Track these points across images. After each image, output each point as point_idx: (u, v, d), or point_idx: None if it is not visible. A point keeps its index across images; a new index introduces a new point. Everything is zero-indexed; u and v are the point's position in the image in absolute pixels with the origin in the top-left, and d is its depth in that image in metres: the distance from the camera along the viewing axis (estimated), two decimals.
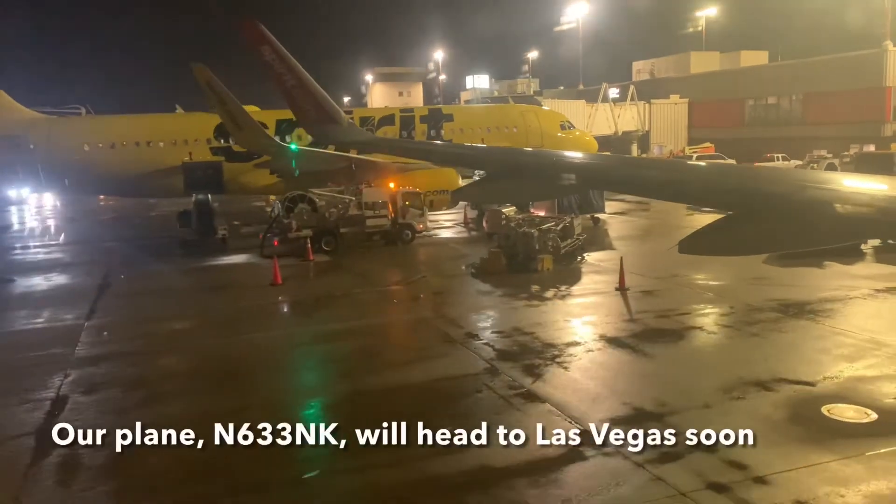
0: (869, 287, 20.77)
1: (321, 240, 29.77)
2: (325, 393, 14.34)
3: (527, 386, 13.70)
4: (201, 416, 11.68)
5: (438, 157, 23.87)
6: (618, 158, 23.66)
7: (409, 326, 18.33)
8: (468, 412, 12.72)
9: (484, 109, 52.23)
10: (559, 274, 24.22)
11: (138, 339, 18.01)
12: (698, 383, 13.61)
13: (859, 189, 5.97)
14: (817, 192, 6.02)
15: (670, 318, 18.38)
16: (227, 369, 15.61)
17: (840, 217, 5.54)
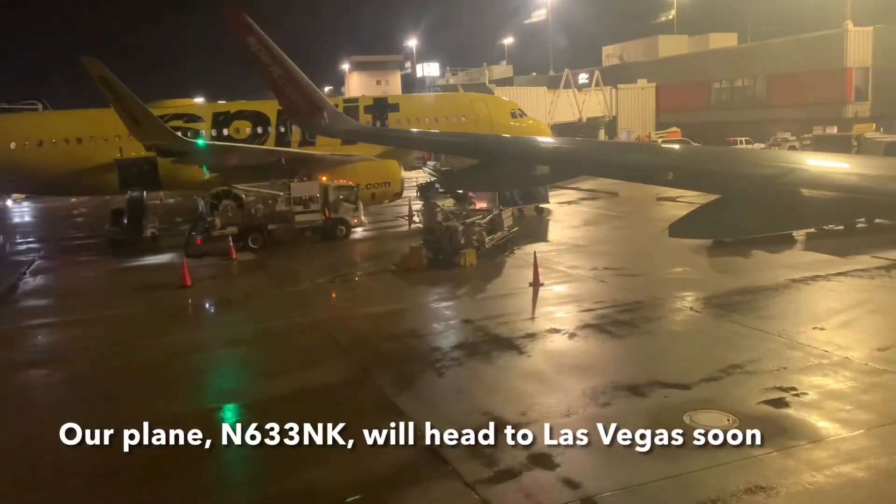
0: (786, 277, 20.17)
1: (248, 237, 28.98)
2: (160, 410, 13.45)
3: (391, 397, 13.00)
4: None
5: (427, 145, 23.49)
6: (606, 144, 23.08)
7: (301, 331, 17.57)
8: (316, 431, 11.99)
9: (432, 99, 51.29)
10: (480, 269, 23.54)
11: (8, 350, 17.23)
12: (570, 389, 12.93)
13: (846, 170, 5.92)
14: (804, 174, 5.93)
15: (572, 315, 17.73)
16: (93, 381, 14.85)
17: (828, 199, 5.51)
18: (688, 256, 24.02)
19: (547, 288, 20.50)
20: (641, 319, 17.13)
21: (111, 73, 25.68)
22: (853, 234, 25.07)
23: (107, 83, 25.72)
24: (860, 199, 5.33)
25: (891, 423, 10.89)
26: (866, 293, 18.26)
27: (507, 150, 10.71)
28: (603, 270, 22.45)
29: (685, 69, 75.95)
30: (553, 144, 11.87)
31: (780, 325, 15.95)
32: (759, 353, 14.33)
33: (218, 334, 17.77)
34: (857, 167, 6.11)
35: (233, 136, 37.65)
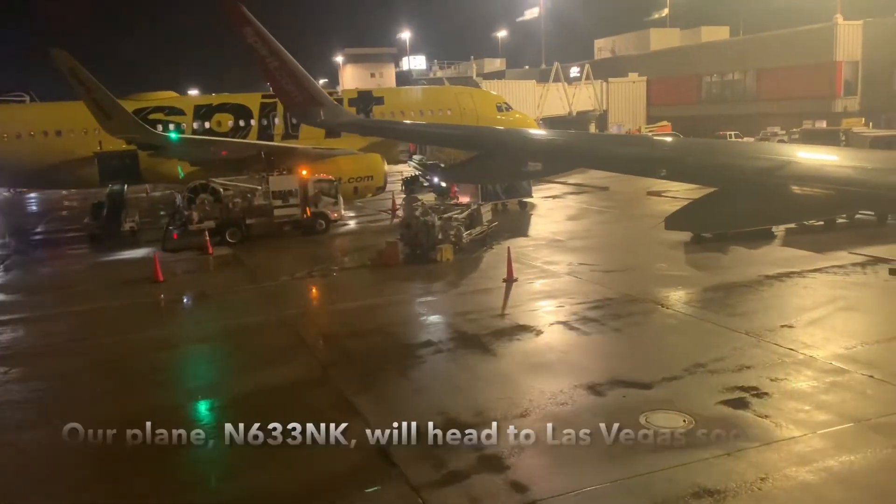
0: (761, 273, 20.01)
1: (225, 231, 28.73)
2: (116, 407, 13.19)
3: (349, 397, 12.82)
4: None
5: (425, 137, 23.39)
6: (601, 136, 23.03)
7: (267, 328, 17.39)
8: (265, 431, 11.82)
9: (417, 92, 50.95)
10: (456, 265, 23.34)
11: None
12: (530, 388, 12.77)
13: (841, 163, 5.91)
14: (800, 167, 5.89)
15: (541, 311, 17.58)
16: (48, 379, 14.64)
17: (824, 191, 5.47)
18: (665, 252, 23.88)
19: (520, 284, 20.33)
20: (610, 316, 16.96)
21: (81, 66, 25.34)
22: (833, 230, 24.99)
23: (77, 76, 25.38)
24: (856, 192, 5.28)
25: (846, 424, 10.75)
26: (839, 290, 18.10)
27: (505, 143, 10.66)
28: (578, 266, 22.27)
29: (676, 63, 75.65)
30: (549, 137, 11.79)
31: (749, 323, 15.80)
32: (725, 351, 14.18)
33: (182, 331, 17.56)
34: (852, 160, 6.08)
35: (214, 129, 37.35)
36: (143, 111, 36.71)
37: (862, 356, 13.52)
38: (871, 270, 19.93)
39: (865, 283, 18.82)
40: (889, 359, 13.38)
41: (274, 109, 38.73)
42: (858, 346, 14.07)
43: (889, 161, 5.98)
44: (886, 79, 57.81)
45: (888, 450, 9.96)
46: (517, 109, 56.60)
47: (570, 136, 15.08)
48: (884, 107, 56.38)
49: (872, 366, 12.97)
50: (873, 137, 41.43)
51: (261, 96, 39.87)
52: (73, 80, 25.65)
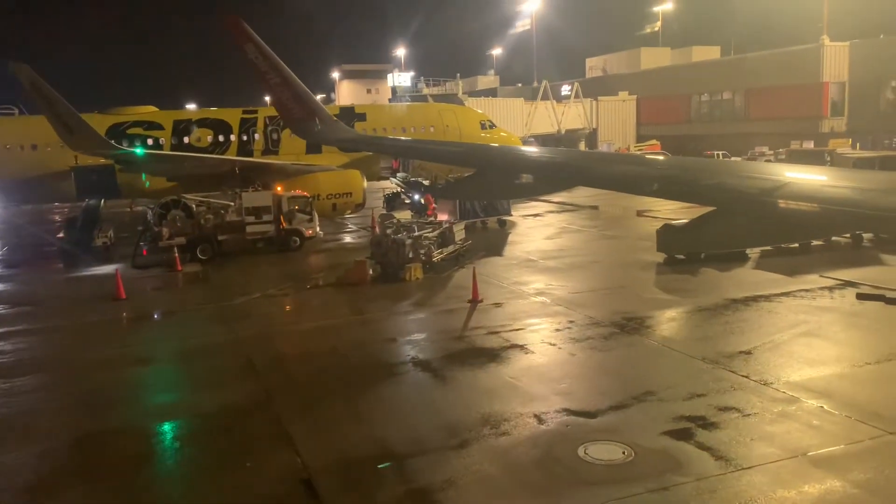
0: (728, 297, 19.71)
1: (197, 248, 28.40)
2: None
3: (285, 424, 12.46)
4: None
5: (423, 154, 23.39)
6: (598, 155, 22.97)
7: (219, 349, 17.04)
8: (192, 458, 11.48)
9: (400, 109, 50.85)
10: (424, 284, 23.05)
11: None
12: (473, 417, 12.40)
13: (839, 184, 5.87)
14: (800, 187, 5.84)
15: (500, 334, 17.22)
16: None
17: (823, 212, 5.40)
18: (635, 274, 23.64)
19: (485, 305, 20.02)
20: (569, 340, 16.64)
21: (42, 80, 25.08)
22: (808, 252, 24.71)
23: (39, 90, 25.11)
24: (856, 213, 5.23)
25: (786, 458, 10.41)
26: (803, 315, 17.80)
27: (503, 161, 10.58)
28: (546, 287, 21.97)
29: (666, 82, 75.77)
30: (548, 155, 11.65)
31: (707, 349, 15.49)
32: (678, 378, 13.87)
33: (132, 352, 17.17)
34: (850, 181, 6.02)
35: (193, 145, 37.13)
36: (122, 126, 36.55)
37: (816, 384, 13.21)
38: (838, 295, 19.65)
39: (831, 307, 18.52)
40: (842, 388, 13.06)
41: (254, 125, 38.59)
42: (813, 374, 13.76)
43: (889, 182, 5.91)
44: (873, 100, 57.92)
45: (825, 485, 9.61)
46: (505, 127, 56.80)
47: (569, 154, 15.04)
48: (870, 127, 56.43)
49: (824, 395, 12.66)
50: (856, 158, 41.47)
51: (241, 112, 39.72)
52: (35, 94, 25.37)
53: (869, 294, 19.20)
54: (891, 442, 10.81)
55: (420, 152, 19.93)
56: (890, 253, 24.63)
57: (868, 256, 24.70)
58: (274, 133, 38.63)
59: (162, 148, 36.51)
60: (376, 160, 39.22)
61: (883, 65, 56.74)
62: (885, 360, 14.46)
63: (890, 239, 25.67)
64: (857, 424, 11.46)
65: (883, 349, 14.96)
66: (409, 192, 38.65)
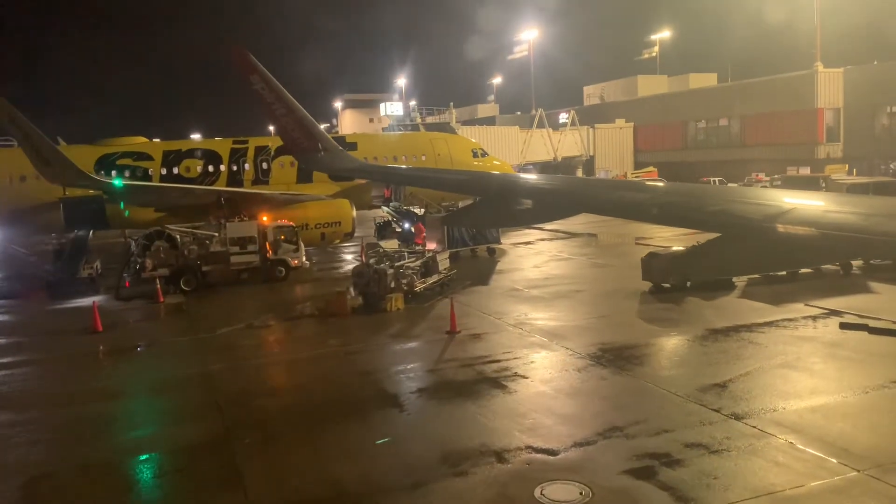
0: (709, 327, 19.38)
1: (180, 279, 28.21)
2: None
3: (240, 464, 12.12)
4: None
5: (427, 182, 23.59)
6: (604, 182, 22.99)
7: (186, 384, 16.77)
8: (133, 501, 11.16)
9: (391, 137, 51.01)
10: (404, 315, 22.77)
11: None
12: (433, 455, 12.05)
13: (844, 210, 5.84)
14: (803, 213, 5.80)
15: (473, 367, 16.89)
16: None
17: (829, 238, 5.35)
18: (619, 303, 23.32)
19: (462, 337, 19.72)
20: (541, 372, 16.31)
21: (19, 114, 25.13)
22: (796, 280, 24.37)
23: (15, 122, 25.12)
24: (862, 239, 5.18)
25: (749, 497, 10.03)
26: (782, 345, 17.43)
27: (508, 189, 10.50)
28: (527, 318, 21.66)
29: (662, 109, 75.91)
30: (548, 183, 11.52)
31: (680, 381, 15.13)
32: (647, 412, 13.50)
33: (97, 386, 16.87)
34: (855, 206, 5.95)
35: (183, 175, 37.18)
36: (112, 156, 36.69)
37: (787, 419, 12.83)
38: (821, 324, 19.29)
39: (813, 337, 18.15)
40: (814, 422, 12.68)
41: (244, 155, 38.67)
42: (786, 407, 13.38)
43: (893, 207, 5.86)
44: (868, 125, 57.80)
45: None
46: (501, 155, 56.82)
47: (571, 181, 15.05)
48: (866, 153, 56.24)
49: (795, 430, 12.28)
50: (850, 184, 41.28)
51: (231, 142, 39.84)
52: (12, 127, 25.39)
53: (852, 324, 18.88)
54: (857, 480, 10.43)
55: (423, 180, 20.12)
56: (879, 280, 24.29)
57: (856, 284, 24.35)
58: (264, 163, 38.68)
59: (151, 179, 36.56)
60: (368, 189, 39.13)
61: (877, 91, 56.69)
62: (860, 392, 14.08)
63: (879, 266, 25.39)
64: (825, 461, 11.08)
65: (859, 381, 14.58)
66: (400, 220, 38.51)
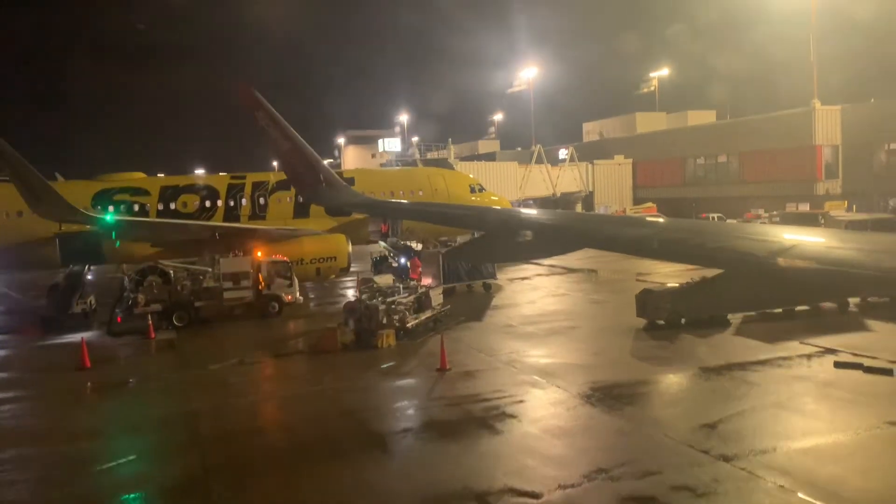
0: (702, 365, 19.12)
1: (173, 315, 28.05)
2: None
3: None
4: None
5: (433, 217, 23.72)
6: (608, 218, 23.12)
7: (169, 422, 16.51)
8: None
9: (389, 173, 51.23)
10: (395, 351, 22.53)
11: None
12: (411, 497, 11.78)
13: (845, 246, 5.86)
14: (807, 249, 5.85)
15: (461, 406, 16.63)
16: None
17: (831, 273, 5.38)
18: (613, 340, 23.09)
19: (452, 374, 19.46)
20: (529, 412, 16.04)
21: (9, 147, 25.21)
22: (792, 318, 24.08)
23: (5, 157, 25.18)
24: (864, 275, 5.20)
25: None
26: (775, 385, 17.16)
27: (511, 224, 10.52)
28: (519, 355, 21.40)
29: (661, 145, 76.30)
30: (555, 218, 11.63)
31: (669, 421, 14.88)
32: (634, 453, 13.22)
33: (78, 424, 16.64)
34: (856, 242, 5.97)
35: (180, 210, 37.21)
36: (109, 192, 36.77)
37: (777, 461, 12.54)
38: (816, 363, 19.01)
39: (806, 376, 17.88)
40: (804, 464, 12.40)
41: (241, 190, 38.73)
42: (777, 449, 13.09)
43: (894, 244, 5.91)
44: (866, 162, 57.95)
45: None
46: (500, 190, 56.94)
47: (574, 216, 15.07)
48: (865, 190, 56.26)
49: (785, 473, 11.99)
50: (848, 221, 41.26)
51: (229, 177, 39.99)
52: (2, 162, 25.47)
53: (847, 363, 18.64)
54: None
55: (427, 214, 20.27)
56: (876, 318, 24.01)
57: (853, 322, 24.04)
58: (261, 198, 38.75)
59: (148, 214, 36.61)
60: (365, 224, 39.10)
61: (875, 128, 56.96)
62: (852, 433, 13.79)
63: (877, 304, 25.15)
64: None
65: (852, 422, 14.30)
66: (396, 255, 38.42)
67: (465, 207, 32.06)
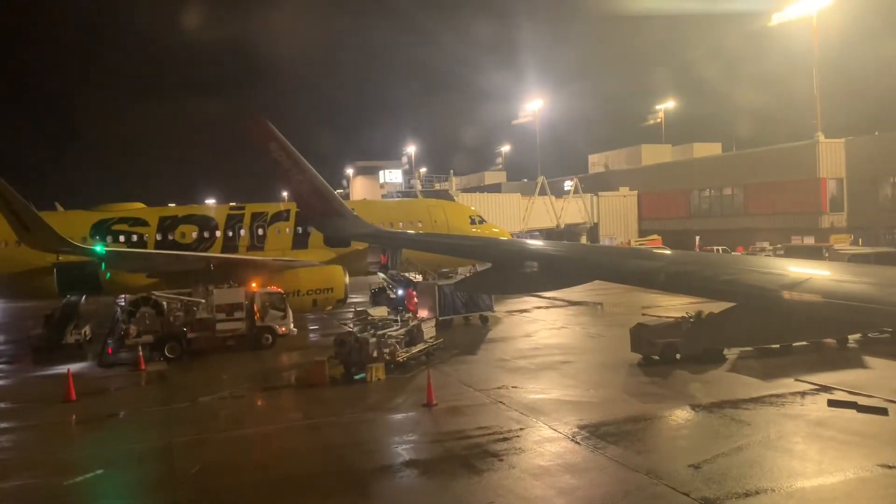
0: (692, 403, 18.75)
1: (164, 346, 27.86)
2: None
3: None
4: None
5: (441, 248, 23.82)
6: (618, 251, 23.17)
7: (146, 458, 16.27)
8: None
9: (389, 204, 51.27)
10: (384, 385, 22.26)
11: None
12: None
13: (860, 280, 5.82)
14: (819, 283, 5.79)
15: (443, 443, 16.33)
16: None
17: (845, 308, 5.28)
18: (606, 375, 22.72)
19: (438, 410, 19.15)
20: (513, 450, 15.67)
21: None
22: (789, 353, 23.66)
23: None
24: (878, 310, 5.12)
25: None
26: (765, 423, 16.74)
27: (519, 256, 10.49)
28: (509, 389, 21.06)
29: (666, 177, 76.19)
30: (564, 250, 11.62)
31: (654, 462, 14.47)
32: (613, 495, 12.90)
33: (54, 458, 16.36)
34: (869, 277, 5.92)
35: (178, 241, 37.25)
36: (108, 222, 36.90)
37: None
38: (810, 401, 18.59)
39: (799, 415, 17.45)
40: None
41: (240, 221, 38.77)
42: (759, 491, 12.69)
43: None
44: (872, 195, 57.57)
45: None
46: (503, 222, 56.92)
47: (582, 248, 14.96)
48: (870, 222, 55.80)
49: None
50: (851, 255, 40.79)
51: (228, 208, 40.09)
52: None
53: (840, 401, 18.15)
54: None
55: (436, 245, 20.34)
56: (874, 355, 23.55)
57: (851, 358, 23.61)
58: (259, 229, 38.76)
59: (146, 244, 36.65)
60: (364, 255, 39.00)
61: (879, 161, 56.66)
62: (840, 475, 13.36)
63: (877, 339, 24.69)
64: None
65: (840, 464, 13.89)
66: (394, 287, 38.24)
67: (473, 238, 31.93)
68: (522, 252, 11.09)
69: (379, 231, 26.57)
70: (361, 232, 18.41)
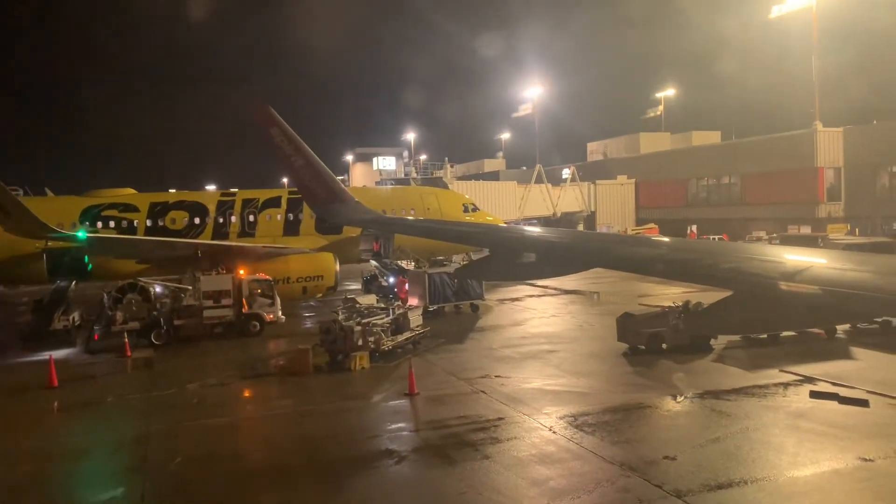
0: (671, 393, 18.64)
1: (151, 333, 27.78)
2: None
3: None
4: None
5: (443, 234, 23.70)
6: (617, 238, 23.03)
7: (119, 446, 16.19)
8: None
9: (382, 191, 51.03)
10: (367, 374, 22.16)
11: None
12: None
13: (859, 269, 5.79)
14: (820, 271, 5.76)
15: (420, 433, 16.28)
16: None
17: (847, 296, 5.23)
18: (591, 365, 22.59)
19: (420, 398, 19.05)
20: (490, 440, 15.55)
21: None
22: (776, 344, 23.54)
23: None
24: (878, 299, 5.08)
25: None
26: (745, 414, 16.58)
27: (519, 243, 10.45)
28: (493, 379, 20.92)
29: (664, 166, 75.81)
30: (563, 238, 11.36)
31: (630, 453, 14.35)
32: (584, 487, 12.79)
33: (28, 446, 16.25)
34: (871, 265, 5.88)
35: (168, 227, 37.09)
36: (98, 208, 36.74)
37: (730, 498, 12.05)
38: (792, 392, 18.44)
39: (779, 406, 17.29)
40: (758, 501, 11.84)
41: (231, 208, 38.59)
42: (732, 485, 12.56)
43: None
44: (869, 185, 57.25)
45: None
46: (499, 209, 56.68)
47: (581, 236, 14.81)
48: (868, 212, 55.50)
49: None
50: (846, 244, 40.57)
51: (219, 194, 39.91)
52: None
53: (823, 392, 18.09)
54: None
55: (438, 232, 20.52)
56: (862, 346, 23.38)
57: (838, 349, 23.43)
58: (250, 215, 38.59)
59: (136, 230, 36.50)
60: (355, 242, 38.82)
61: (877, 151, 56.30)
62: (814, 468, 13.22)
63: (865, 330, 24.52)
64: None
65: (815, 456, 13.75)
66: (386, 274, 38.10)
67: (475, 225, 31.74)
68: (523, 239, 11.01)
69: (380, 217, 26.44)
70: (363, 217, 18.49)
